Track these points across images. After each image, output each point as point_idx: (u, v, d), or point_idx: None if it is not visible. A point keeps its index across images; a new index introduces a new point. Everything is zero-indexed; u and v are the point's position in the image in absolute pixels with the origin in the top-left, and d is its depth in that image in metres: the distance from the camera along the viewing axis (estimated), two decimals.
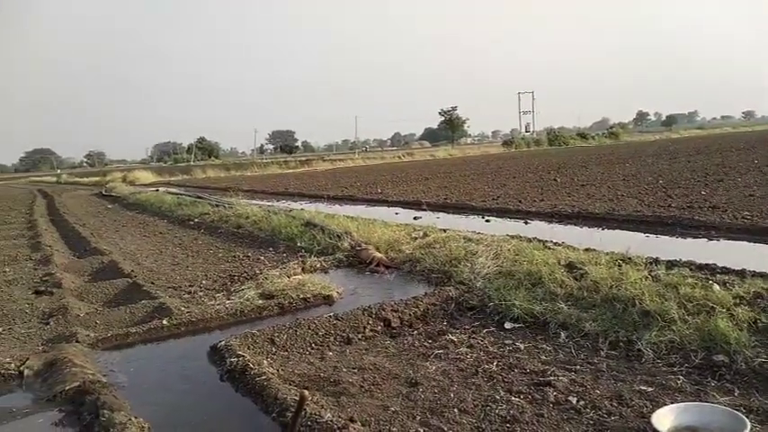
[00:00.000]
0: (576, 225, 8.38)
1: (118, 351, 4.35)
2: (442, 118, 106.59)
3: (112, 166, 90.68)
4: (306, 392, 2.02)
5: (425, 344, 4.03)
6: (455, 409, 2.96)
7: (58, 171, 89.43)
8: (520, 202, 11.07)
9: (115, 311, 5.27)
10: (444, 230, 7.29)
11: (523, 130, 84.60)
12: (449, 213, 10.83)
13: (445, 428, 2.78)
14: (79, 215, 15.24)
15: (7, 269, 7.81)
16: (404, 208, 12.27)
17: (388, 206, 12.94)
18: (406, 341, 4.13)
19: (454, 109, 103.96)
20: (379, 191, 16.44)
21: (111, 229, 11.85)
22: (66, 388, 3.48)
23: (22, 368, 3.88)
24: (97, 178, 41.20)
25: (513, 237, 6.56)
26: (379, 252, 6.67)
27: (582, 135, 67.94)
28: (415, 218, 10.03)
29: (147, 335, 4.59)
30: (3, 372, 3.84)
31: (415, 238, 6.95)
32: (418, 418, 2.90)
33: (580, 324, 3.96)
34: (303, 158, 59.26)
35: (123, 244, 9.56)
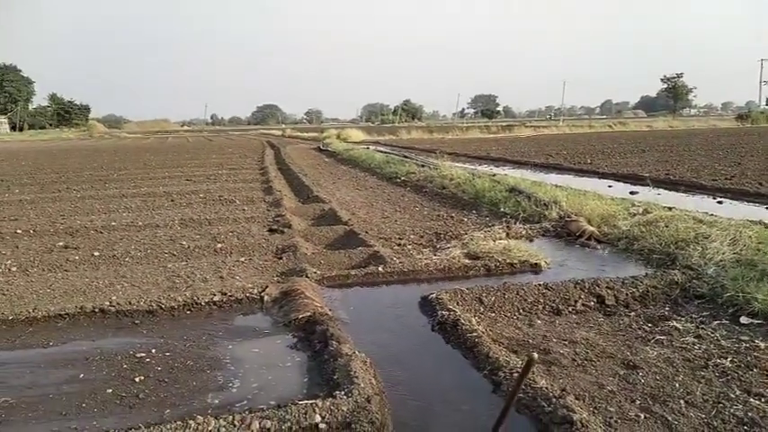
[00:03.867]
0: None
1: (339, 289, 4.79)
2: (664, 86, 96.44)
3: (327, 124, 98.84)
4: (535, 356, 2.01)
5: (644, 327, 3.77)
6: (681, 401, 2.74)
7: (282, 125, 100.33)
8: (761, 184, 9.68)
9: (336, 254, 5.79)
10: (669, 208, 6.65)
11: (764, 102, 72.89)
12: (671, 190, 9.86)
13: (669, 418, 2.58)
14: (302, 166, 16.87)
15: (246, 208, 9.01)
16: (617, 181, 11.48)
17: (599, 178, 12.19)
18: (621, 321, 3.90)
19: (680, 76, 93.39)
20: (589, 161, 15.53)
21: (329, 181, 12.95)
22: (300, 316, 3.93)
23: (263, 294, 4.47)
24: (315, 134, 45.01)
25: (754, 222, 5.77)
26: (591, 225, 6.32)
27: None
28: (631, 192, 9.33)
29: (364, 278, 4.97)
30: (248, 295, 4.47)
31: (634, 214, 6.44)
32: (638, 402, 2.74)
33: None
34: (504, 123, 58.10)
35: (339, 195, 10.39)
